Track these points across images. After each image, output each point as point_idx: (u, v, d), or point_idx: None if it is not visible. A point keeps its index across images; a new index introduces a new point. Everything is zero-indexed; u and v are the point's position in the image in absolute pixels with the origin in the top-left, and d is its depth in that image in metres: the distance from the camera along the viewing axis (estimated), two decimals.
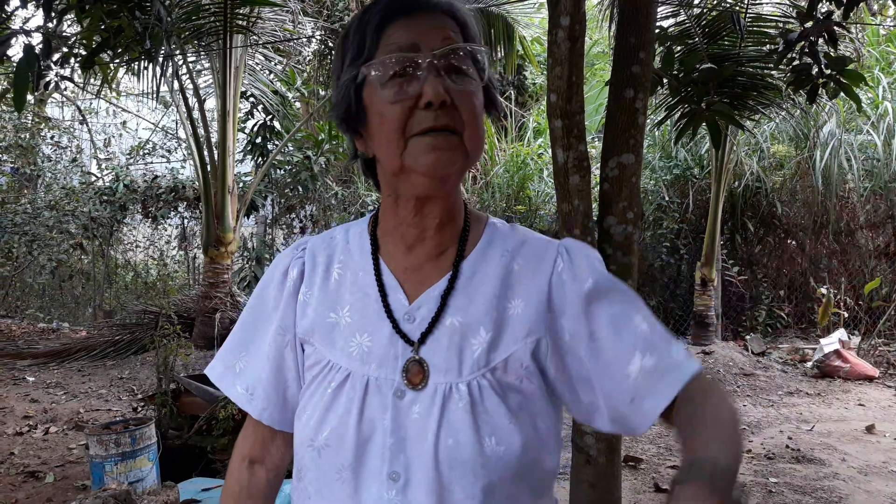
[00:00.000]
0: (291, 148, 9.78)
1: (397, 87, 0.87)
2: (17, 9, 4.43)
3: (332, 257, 1.01)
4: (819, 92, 3.24)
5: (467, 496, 0.85)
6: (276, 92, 9.20)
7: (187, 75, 7.49)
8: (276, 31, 8.08)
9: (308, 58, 11.02)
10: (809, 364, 7.39)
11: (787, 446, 5.00)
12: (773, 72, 4.65)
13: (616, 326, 0.91)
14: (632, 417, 0.90)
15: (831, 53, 3.20)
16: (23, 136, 10.60)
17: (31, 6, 4.06)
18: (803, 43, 3.05)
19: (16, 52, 4.06)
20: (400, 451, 0.87)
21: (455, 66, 0.88)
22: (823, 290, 8.14)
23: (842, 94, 3.19)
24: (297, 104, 10.98)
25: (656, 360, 0.89)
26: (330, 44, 11.31)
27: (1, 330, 9.35)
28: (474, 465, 0.85)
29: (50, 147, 11.92)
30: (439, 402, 0.87)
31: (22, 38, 3.57)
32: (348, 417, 0.89)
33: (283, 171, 10.22)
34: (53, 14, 3.73)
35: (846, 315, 8.33)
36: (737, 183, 9.10)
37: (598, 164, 2.42)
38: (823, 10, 3.16)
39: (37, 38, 3.69)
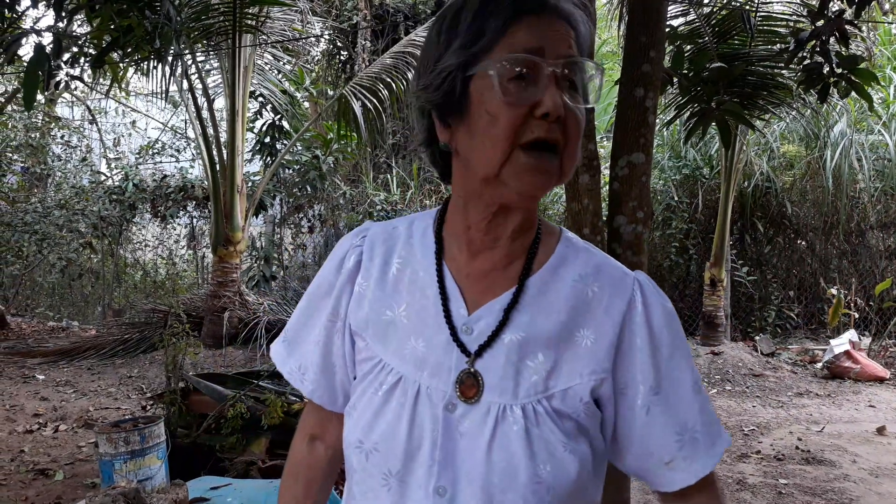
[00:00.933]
0: (300, 147, 9.80)
1: (516, 90, 0.81)
2: (27, 8, 4.45)
3: (392, 249, 0.98)
4: (830, 91, 3.22)
5: None
6: (284, 91, 9.22)
7: (196, 75, 7.51)
8: (284, 30, 8.10)
9: (317, 57, 11.04)
10: (819, 365, 7.35)
11: (797, 447, 4.97)
12: (783, 71, 4.63)
13: (679, 387, 0.90)
14: (659, 476, 0.93)
15: (842, 52, 3.18)
16: (33, 135, 10.66)
17: (41, 6, 4.09)
18: (814, 42, 3.03)
19: (26, 51, 4.09)
20: (448, 466, 0.85)
21: (572, 81, 0.84)
22: (834, 291, 8.09)
23: (853, 93, 3.17)
24: (306, 104, 10.99)
25: (702, 436, 0.91)
26: (339, 43, 11.34)
27: (11, 328, 9.41)
28: (525, 491, 0.83)
29: (60, 146, 11.98)
30: (492, 422, 0.85)
31: (32, 38, 3.60)
32: (398, 424, 0.87)
33: (291, 171, 10.24)
34: (64, 14, 3.75)
35: (857, 316, 8.28)
36: (746, 183, 9.06)
37: (608, 164, 2.41)
38: (835, 9, 3.14)
39: (47, 38, 3.71)
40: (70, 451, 4.77)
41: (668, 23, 3.03)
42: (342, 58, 12.12)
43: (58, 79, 4.09)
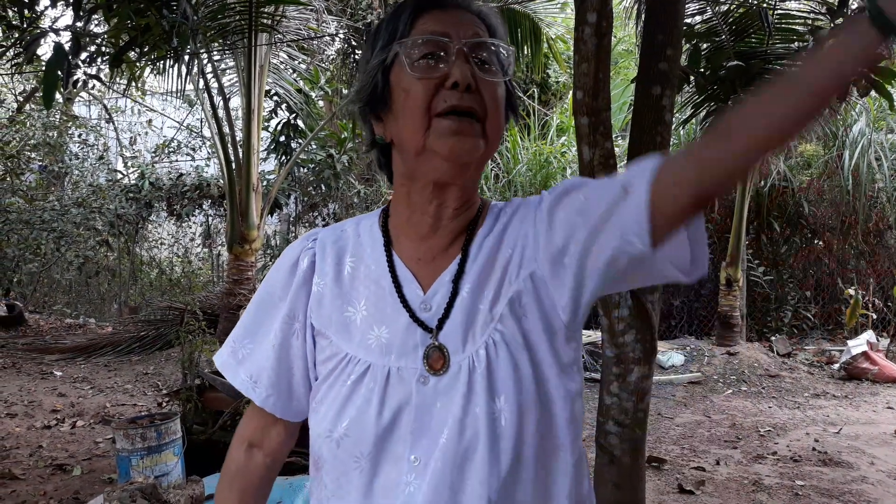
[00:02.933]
0: (315, 146, 9.83)
1: (425, 67, 0.90)
2: (46, 8, 4.49)
3: (343, 250, 1.02)
4: (849, 90, 3.18)
5: (485, 462, 0.87)
6: (299, 90, 9.25)
7: (212, 74, 7.54)
8: (300, 29, 8.12)
9: (332, 56, 11.06)
10: (836, 366, 7.28)
11: (814, 449, 4.93)
12: None
13: (594, 187, 0.92)
14: (633, 215, 0.84)
15: None
16: (51, 134, 10.75)
17: (59, 5, 4.12)
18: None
19: (44, 51, 4.12)
20: (422, 436, 0.90)
21: (482, 59, 0.92)
22: (851, 292, 8.02)
23: (873, 91, 3.13)
24: (321, 103, 11.03)
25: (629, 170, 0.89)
26: (353, 42, 11.36)
27: (29, 325, 9.51)
28: (488, 430, 0.87)
29: (77, 145, 12.08)
30: (465, 377, 0.90)
31: (51, 37, 3.63)
32: (368, 407, 0.91)
33: (306, 170, 10.28)
34: (82, 13, 3.78)
35: (874, 317, 8.21)
36: (763, 182, 8.99)
37: (624, 162, 2.40)
38: (854, 7, 3.11)
39: (66, 37, 3.74)
40: (87, 447, 4.82)
41: (685, 21, 3.01)
42: (357, 56, 12.14)
43: (76, 78, 4.12)
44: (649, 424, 2.58)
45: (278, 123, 9.77)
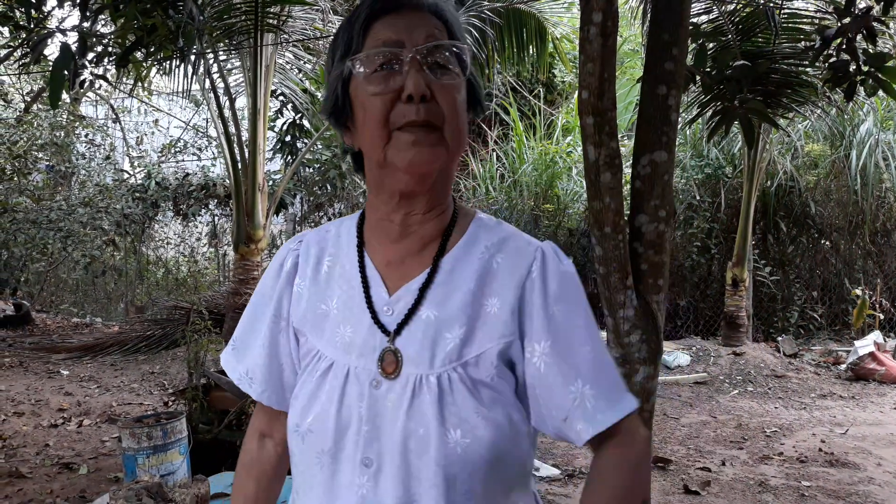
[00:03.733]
0: (320, 146, 9.84)
1: (380, 80, 0.90)
2: (53, 8, 4.51)
3: (324, 250, 1.05)
4: (856, 89, 3.17)
5: (432, 485, 0.88)
6: (305, 90, 9.25)
7: (218, 74, 7.55)
8: (305, 29, 8.13)
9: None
10: (843, 366, 7.26)
11: (821, 450, 4.92)
12: (808, 69, 4.57)
13: (570, 346, 0.94)
14: (568, 432, 0.94)
15: (870, 50, 3.14)
16: (58, 134, 10.79)
17: (66, 6, 4.14)
18: (841, 39, 2.99)
19: (51, 51, 4.13)
20: (374, 439, 0.91)
21: (438, 63, 0.91)
22: (858, 292, 7.99)
23: (880, 91, 3.12)
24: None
25: (595, 392, 0.93)
26: None
27: (36, 324, 9.55)
28: (438, 455, 0.88)
29: (84, 145, 12.12)
30: (409, 392, 0.90)
31: (58, 38, 3.64)
32: (329, 405, 0.94)
33: (311, 170, 10.29)
34: (89, 13, 3.79)
35: (882, 317, 8.18)
36: (769, 182, 8.97)
37: (630, 162, 2.40)
38: (862, 6, 3.10)
39: (72, 38, 3.76)
40: (94, 446, 4.83)
41: (691, 20, 3.00)
42: None
43: (82, 78, 4.14)
44: (655, 425, 2.57)
45: (284, 123, 9.78)
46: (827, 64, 3.27)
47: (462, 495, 0.89)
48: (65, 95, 11.08)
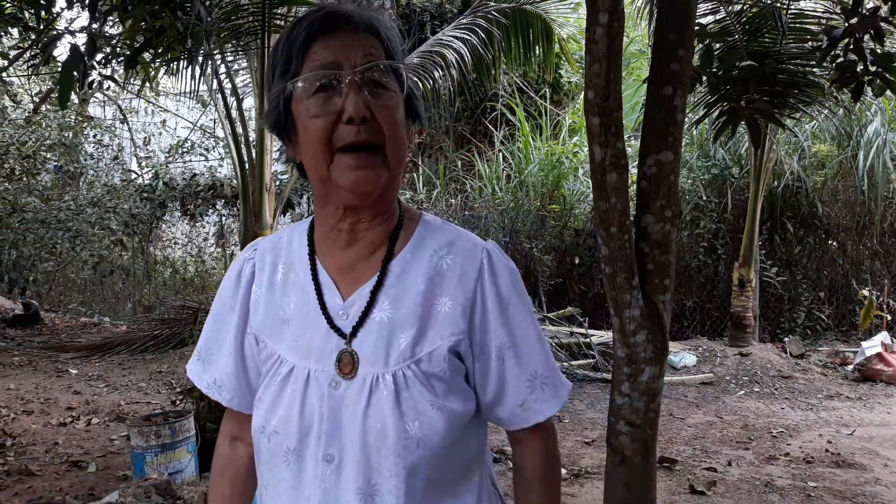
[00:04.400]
0: None
1: (321, 102, 0.93)
2: (63, 10, 4.54)
3: (278, 257, 1.09)
4: (864, 90, 3.17)
5: (392, 475, 0.95)
6: None
7: (225, 75, 7.58)
8: None
9: None
10: (850, 367, 7.24)
11: (827, 450, 4.91)
12: (815, 69, 4.56)
13: (526, 340, 1.03)
14: (517, 417, 1.05)
15: (877, 50, 3.14)
16: (66, 134, 10.84)
17: (76, 7, 4.17)
18: (848, 39, 2.99)
19: (59, 52, 4.16)
20: (335, 436, 0.97)
21: (376, 81, 0.95)
22: (865, 293, 7.97)
23: (888, 91, 3.12)
24: None
25: (549, 382, 1.06)
26: None
27: (45, 323, 9.60)
28: (397, 447, 0.94)
29: (92, 145, 12.18)
30: (367, 391, 0.96)
31: (66, 39, 3.67)
32: (292, 407, 0.99)
33: None
34: (98, 15, 3.82)
35: (889, 318, 8.15)
36: (776, 182, 8.94)
37: (636, 162, 2.40)
38: (869, 6, 3.10)
39: (81, 39, 3.78)
40: (102, 444, 4.86)
41: (697, 20, 3.01)
42: None
43: (91, 79, 4.16)
44: (660, 425, 2.58)
45: None
46: (834, 64, 3.27)
47: (421, 482, 0.96)
48: (73, 96, 11.13)
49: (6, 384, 6.31)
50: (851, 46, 3.04)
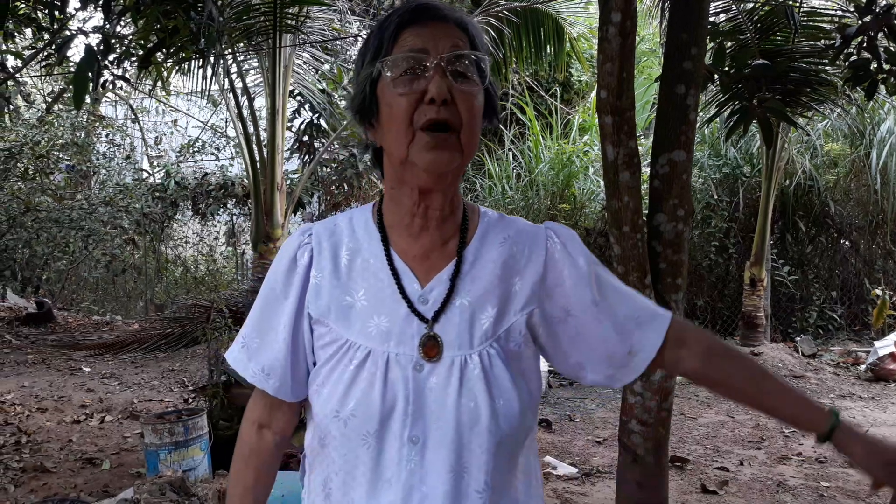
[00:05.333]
0: (337, 146, 9.89)
1: (406, 83, 0.98)
2: (77, 10, 4.57)
3: (338, 243, 1.10)
4: (878, 88, 3.15)
5: (483, 451, 0.99)
6: (323, 90, 9.30)
7: (237, 74, 7.61)
8: (323, 30, 8.17)
9: (354, 56, 11.12)
10: (863, 367, 7.20)
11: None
12: (827, 67, 4.54)
13: (613, 294, 1.10)
14: (624, 370, 1.10)
15: (891, 48, 3.12)
16: (78, 134, 10.91)
17: (89, 7, 4.19)
18: (861, 38, 2.97)
19: (72, 52, 4.19)
20: (419, 417, 0.99)
21: (459, 71, 0.99)
22: (878, 292, 7.92)
23: None
24: (343, 103, 11.09)
25: (645, 314, 1.10)
26: None
27: (58, 322, 9.67)
28: (490, 423, 0.98)
29: (104, 145, 12.26)
30: (457, 372, 1.00)
31: (80, 39, 3.70)
32: (371, 390, 1.00)
33: (329, 169, 10.33)
34: (112, 16, 3.85)
35: None
36: (788, 181, 8.90)
37: (648, 161, 2.40)
38: (883, 4, 3.08)
39: (95, 39, 3.81)
40: (116, 441, 4.90)
41: (709, 19, 3.00)
42: None
43: (104, 79, 4.19)
44: (672, 424, 2.58)
45: (302, 123, 9.84)
46: (847, 62, 3.25)
47: (505, 457, 1.02)
48: (86, 96, 11.18)
49: (21, 382, 6.36)
50: (865, 44, 3.02)
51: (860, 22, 2.93)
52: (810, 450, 4.92)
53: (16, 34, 5.67)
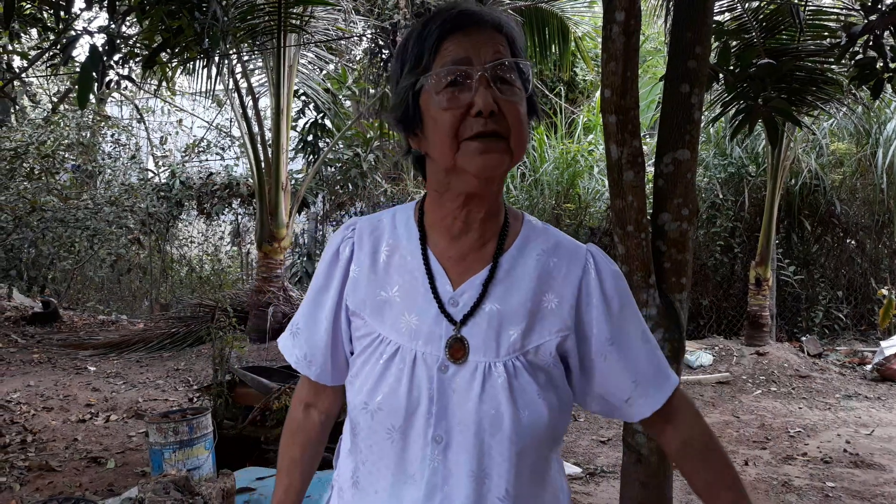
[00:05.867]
0: (342, 145, 9.90)
1: (451, 96, 0.97)
2: (82, 10, 4.58)
3: (379, 239, 1.12)
4: (884, 87, 3.14)
5: (504, 459, 0.99)
6: (327, 90, 9.31)
7: (242, 74, 7.63)
8: (328, 29, 8.18)
9: (359, 56, 11.13)
10: (869, 367, 7.17)
11: (845, 450, 4.87)
12: (833, 66, 4.52)
13: (629, 338, 1.08)
14: (623, 411, 1.11)
15: None
16: (84, 134, 10.95)
17: (94, 8, 4.21)
18: (867, 36, 2.96)
19: (77, 52, 4.20)
20: (442, 418, 1.00)
21: (502, 77, 0.99)
22: (884, 292, 7.88)
23: None
24: (348, 102, 11.10)
25: (652, 377, 1.10)
26: (380, 42, 11.41)
27: (64, 321, 9.70)
28: (511, 433, 0.99)
29: (110, 145, 12.29)
30: (480, 377, 1.01)
31: (85, 39, 3.71)
32: (399, 386, 1.02)
33: (333, 169, 10.34)
34: (117, 16, 3.86)
35: None
36: (794, 181, 8.87)
37: (652, 161, 2.40)
38: (889, 2, 3.07)
39: (100, 39, 3.82)
40: (121, 441, 4.91)
41: (714, 18, 2.99)
42: (384, 56, 12.20)
43: (109, 79, 4.20)
44: None
45: (306, 123, 9.85)
46: (853, 61, 3.24)
47: (528, 467, 1.02)
48: (91, 96, 11.23)
49: (26, 381, 6.38)
50: (871, 43, 3.01)
51: (866, 20, 2.92)
52: (816, 450, 4.90)
53: (21, 34, 5.69)
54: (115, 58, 4.04)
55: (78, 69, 3.55)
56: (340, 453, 1.16)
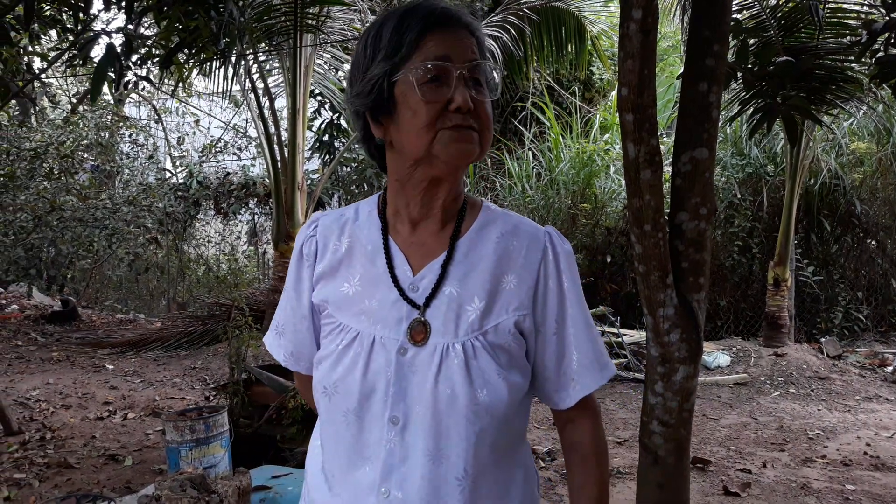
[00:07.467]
0: (357, 145, 9.91)
1: (432, 90, 1.02)
2: (100, 11, 4.61)
3: (342, 231, 1.16)
4: None
5: (461, 439, 1.02)
6: (343, 90, 9.32)
7: (258, 75, 7.66)
8: (344, 29, 8.20)
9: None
10: (890, 369, 7.09)
11: (866, 453, 4.81)
12: (853, 64, 4.47)
13: (575, 322, 1.12)
14: (562, 394, 1.13)
15: None
16: (103, 134, 11.04)
17: (112, 9, 4.24)
18: (888, 34, 2.92)
19: (96, 53, 4.24)
20: (400, 399, 1.03)
21: (475, 78, 1.05)
22: None
23: None
24: None
25: (593, 362, 1.13)
26: None
27: (82, 320, 9.79)
28: (468, 412, 1.01)
29: (128, 145, 12.40)
30: (437, 359, 1.03)
31: (103, 40, 3.74)
32: (354, 369, 1.06)
33: (349, 169, 10.36)
34: (134, 16, 3.88)
35: None
36: (813, 180, 8.78)
37: (670, 160, 2.38)
38: None
39: (118, 39, 3.85)
40: (138, 438, 4.95)
41: (732, 16, 2.96)
42: None
43: (126, 79, 4.23)
44: (694, 425, 2.55)
45: (322, 123, 9.88)
46: (874, 59, 3.20)
47: (487, 447, 1.03)
48: (109, 96, 11.34)
49: (45, 379, 6.45)
50: (892, 40, 2.97)
51: (887, 18, 2.88)
52: (835, 452, 4.85)
53: (41, 36, 5.75)
54: (133, 58, 4.07)
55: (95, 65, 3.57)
56: (311, 442, 1.21)
